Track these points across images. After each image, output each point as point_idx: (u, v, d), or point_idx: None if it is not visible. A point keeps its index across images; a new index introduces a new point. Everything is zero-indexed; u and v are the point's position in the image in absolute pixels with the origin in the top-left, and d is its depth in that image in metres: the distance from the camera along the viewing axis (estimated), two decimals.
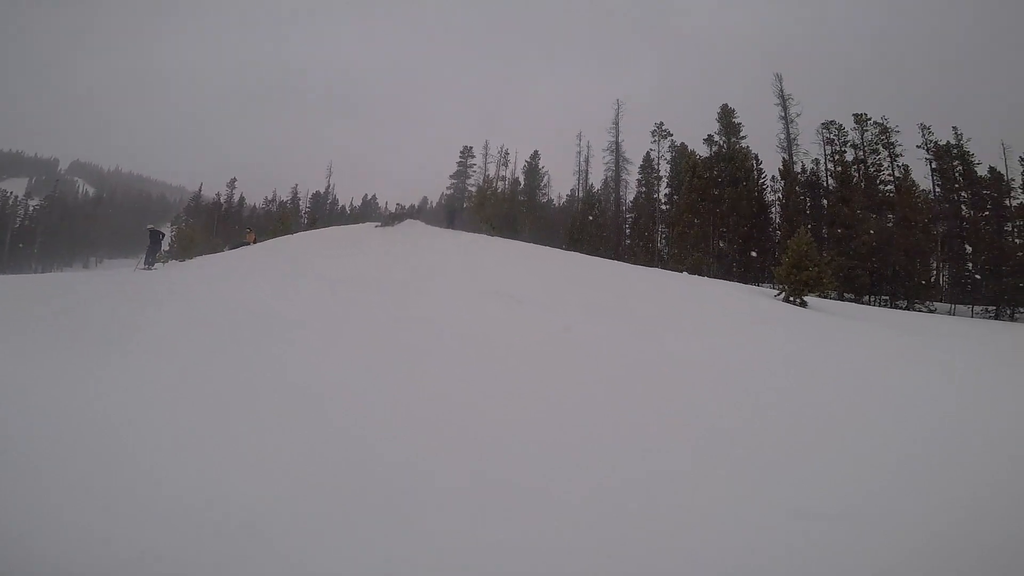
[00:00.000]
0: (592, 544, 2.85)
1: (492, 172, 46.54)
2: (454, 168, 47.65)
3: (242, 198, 62.17)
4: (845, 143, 34.22)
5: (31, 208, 63.75)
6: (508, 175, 47.41)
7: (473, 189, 41.38)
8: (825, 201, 33.84)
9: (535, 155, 46.74)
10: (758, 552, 2.85)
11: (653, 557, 2.79)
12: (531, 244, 15.32)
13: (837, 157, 34.15)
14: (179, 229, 25.47)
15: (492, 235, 17.31)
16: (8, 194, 63.23)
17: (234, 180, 61.08)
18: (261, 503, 2.99)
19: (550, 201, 48.13)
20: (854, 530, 3.04)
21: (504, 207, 30.49)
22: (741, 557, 2.81)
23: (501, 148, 48.78)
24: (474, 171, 47.16)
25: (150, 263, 15.27)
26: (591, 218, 36.95)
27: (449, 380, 5.07)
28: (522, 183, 45.98)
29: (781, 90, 37.31)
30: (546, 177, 47.15)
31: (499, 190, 38.66)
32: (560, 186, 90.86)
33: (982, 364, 7.75)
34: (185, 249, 19.35)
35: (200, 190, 64.83)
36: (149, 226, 18.37)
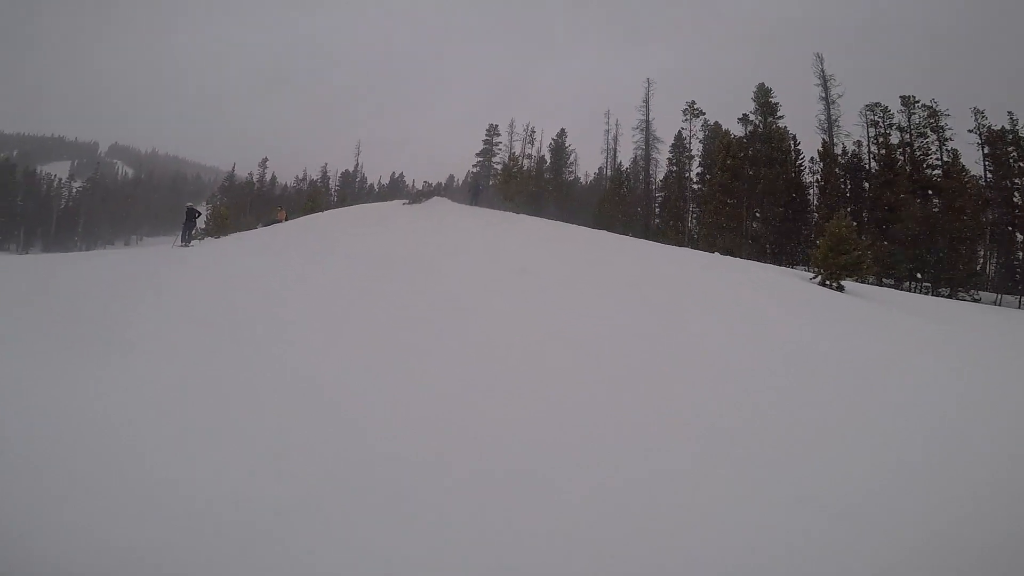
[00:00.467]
0: (594, 543, 2.82)
1: (518, 150, 46.11)
2: (480, 146, 47.44)
3: (273, 177, 63.50)
4: (890, 125, 32.51)
5: (74, 190, 66.36)
6: (534, 153, 46.93)
7: (499, 167, 41.08)
8: (867, 184, 32.41)
9: (561, 133, 46.00)
10: (758, 551, 2.80)
11: (655, 556, 2.76)
12: (556, 222, 15.14)
13: (881, 139, 32.52)
14: (214, 208, 26.17)
15: (516, 212, 17.14)
16: (53, 177, 65.89)
17: (265, 160, 62.43)
18: (261, 503, 2.95)
19: (577, 179, 47.52)
20: (854, 529, 2.97)
21: (530, 185, 30.15)
22: (741, 557, 2.77)
23: (527, 126, 48.02)
24: (499, 149, 46.75)
25: (186, 240, 15.64)
26: (619, 196, 36.21)
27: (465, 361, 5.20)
28: (548, 161, 45.52)
29: (822, 70, 35.65)
30: (572, 155, 46.50)
31: (524, 168, 38.29)
32: (588, 165, 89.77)
33: (999, 358, 7.28)
34: (220, 227, 19.84)
35: (233, 170, 66.31)
36: (188, 204, 18.80)
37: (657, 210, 40.06)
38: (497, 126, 47.79)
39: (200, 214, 17.56)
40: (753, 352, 6.17)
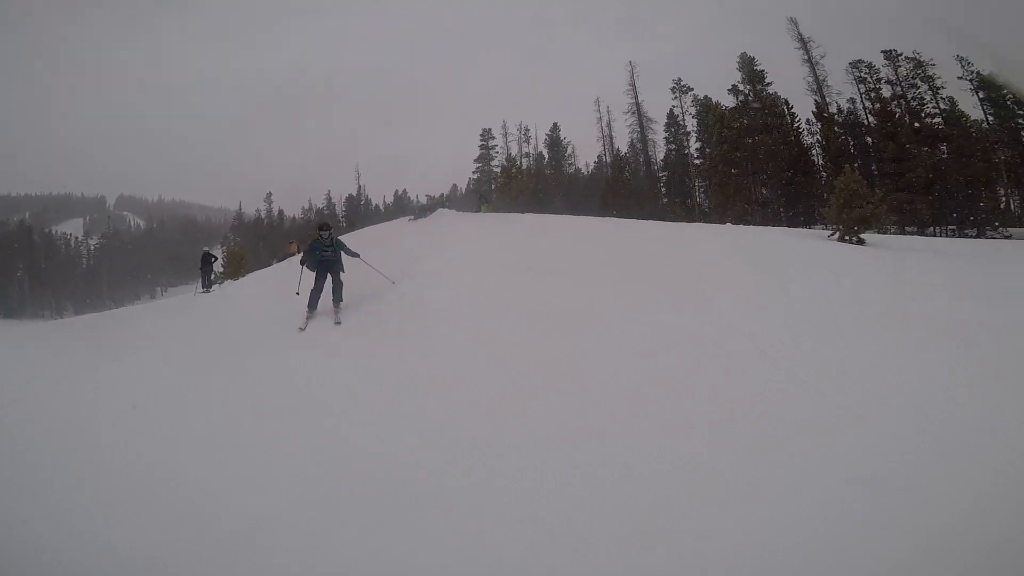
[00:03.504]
0: (600, 541, 2.83)
1: (514, 151, 46.13)
2: (477, 152, 47.47)
3: (280, 211, 64.40)
4: (879, 80, 32.35)
5: (91, 247, 67.71)
6: (531, 151, 46.93)
7: (498, 170, 41.13)
8: (869, 139, 32.07)
9: (555, 127, 45.84)
10: (762, 549, 2.80)
11: (662, 553, 2.76)
12: (561, 216, 15.16)
13: (873, 94, 32.28)
14: (228, 249, 26.68)
15: (520, 212, 17.16)
16: (69, 236, 67.28)
17: (270, 194, 63.13)
18: (262, 506, 2.98)
19: (578, 171, 47.40)
20: (859, 527, 2.94)
21: (531, 183, 30.11)
22: (744, 556, 2.77)
23: (520, 125, 47.97)
24: (496, 152, 46.75)
25: (207, 286, 15.86)
26: (622, 180, 36.10)
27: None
28: (546, 157, 45.54)
29: (799, 34, 35.69)
30: (570, 148, 46.44)
31: (524, 167, 38.31)
32: (586, 155, 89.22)
33: None
34: (237, 268, 20.21)
35: (240, 208, 67.29)
36: (204, 249, 19.14)
37: (663, 189, 39.93)
38: (490, 129, 47.72)
39: (216, 258, 17.89)
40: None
